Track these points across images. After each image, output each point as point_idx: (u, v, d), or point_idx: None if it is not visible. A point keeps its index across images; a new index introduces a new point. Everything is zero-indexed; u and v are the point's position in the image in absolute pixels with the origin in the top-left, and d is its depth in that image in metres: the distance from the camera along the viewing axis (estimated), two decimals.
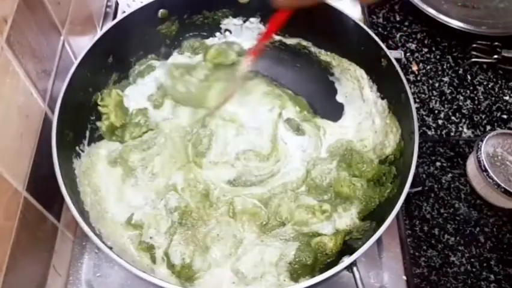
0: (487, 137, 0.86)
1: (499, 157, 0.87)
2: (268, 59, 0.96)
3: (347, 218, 0.77)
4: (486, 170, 0.83)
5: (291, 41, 0.94)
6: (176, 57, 0.93)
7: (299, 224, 0.77)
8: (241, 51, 0.92)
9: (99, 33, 0.79)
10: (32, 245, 0.67)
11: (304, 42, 0.93)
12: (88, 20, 0.95)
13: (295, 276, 0.71)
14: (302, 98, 0.93)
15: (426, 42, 1.09)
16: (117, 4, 1.04)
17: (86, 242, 0.78)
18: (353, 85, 0.89)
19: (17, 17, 0.63)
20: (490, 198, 0.87)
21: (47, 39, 0.74)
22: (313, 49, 0.93)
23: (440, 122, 0.98)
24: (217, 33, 0.95)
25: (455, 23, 1.04)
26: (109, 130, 0.83)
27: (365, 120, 0.87)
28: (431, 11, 1.07)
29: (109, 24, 0.80)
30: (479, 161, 0.84)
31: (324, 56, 0.92)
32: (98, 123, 0.83)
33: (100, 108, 0.82)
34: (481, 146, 0.85)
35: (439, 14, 1.06)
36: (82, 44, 0.84)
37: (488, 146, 0.88)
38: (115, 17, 1.03)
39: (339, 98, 0.92)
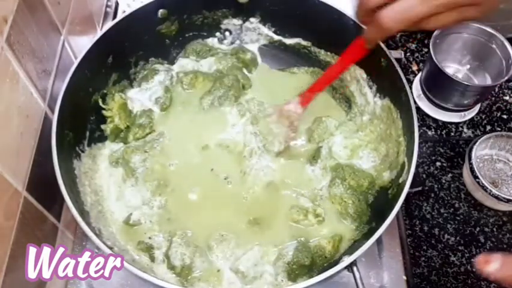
0: (479, 141, 0.86)
1: (494, 157, 0.88)
2: (268, 59, 0.96)
3: (341, 225, 0.77)
4: (477, 177, 0.82)
5: (291, 41, 0.94)
6: (181, 62, 0.93)
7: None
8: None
9: (99, 33, 0.79)
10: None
11: (304, 42, 0.93)
12: (88, 20, 0.95)
13: (292, 277, 0.71)
14: None
15: (426, 42, 1.09)
16: (117, 4, 1.04)
17: (86, 242, 0.78)
18: (353, 85, 0.88)
19: (17, 17, 0.63)
20: (485, 202, 0.87)
21: (47, 39, 0.74)
22: (313, 49, 0.92)
23: (440, 122, 0.98)
24: (217, 33, 0.95)
25: None
26: (113, 133, 0.84)
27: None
28: None
29: (109, 24, 0.80)
30: (471, 168, 0.84)
31: (324, 55, 0.92)
32: (103, 126, 0.83)
33: (104, 112, 0.83)
34: (472, 153, 0.84)
35: None
36: (82, 44, 0.84)
37: (484, 148, 0.88)
38: (115, 17, 1.03)
39: None
